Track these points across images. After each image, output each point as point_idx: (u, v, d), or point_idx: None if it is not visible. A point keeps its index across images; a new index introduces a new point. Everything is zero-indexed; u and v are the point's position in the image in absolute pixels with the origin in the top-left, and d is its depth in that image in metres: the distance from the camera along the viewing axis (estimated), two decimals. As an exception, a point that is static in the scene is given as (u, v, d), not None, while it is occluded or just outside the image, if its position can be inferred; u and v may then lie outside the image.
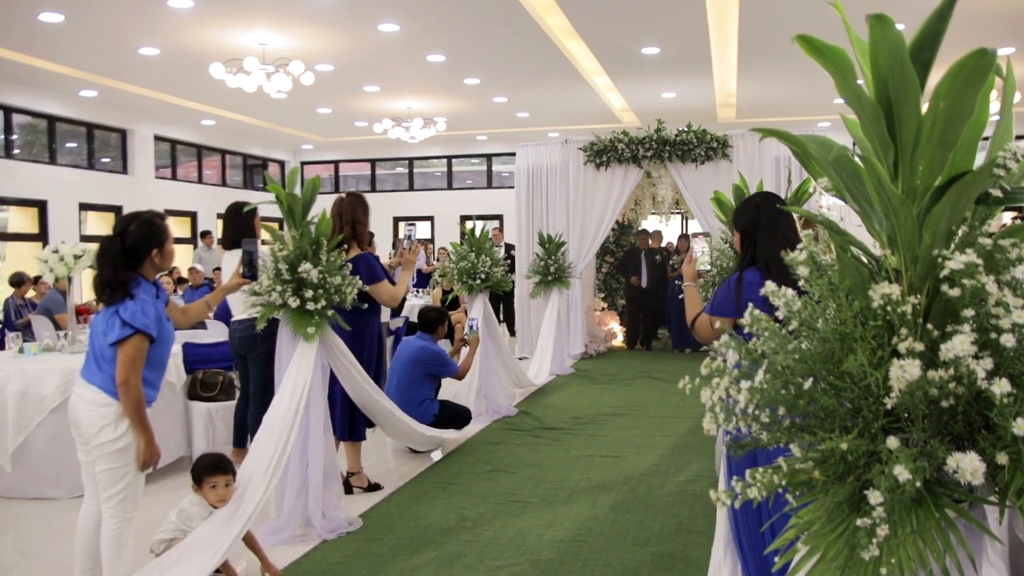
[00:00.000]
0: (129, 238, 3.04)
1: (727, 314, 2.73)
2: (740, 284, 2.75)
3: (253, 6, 8.19)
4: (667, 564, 3.63)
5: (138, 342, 2.92)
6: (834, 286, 1.38)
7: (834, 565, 1.25)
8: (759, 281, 2.68)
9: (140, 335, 2.92)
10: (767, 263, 2.76)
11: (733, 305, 2.72)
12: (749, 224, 2.85)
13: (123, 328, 2.91)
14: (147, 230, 3.06)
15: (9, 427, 4.59)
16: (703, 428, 1.41)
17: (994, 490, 1.28)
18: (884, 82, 1.31)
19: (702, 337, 2.85)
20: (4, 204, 11.91)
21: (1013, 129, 1.51)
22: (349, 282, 4.03)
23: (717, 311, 2.77)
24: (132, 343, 2.92)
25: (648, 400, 7.51)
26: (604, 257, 11.53)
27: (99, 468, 2.99)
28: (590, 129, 12.13)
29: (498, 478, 4.98)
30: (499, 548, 3.85)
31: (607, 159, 9.86)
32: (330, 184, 18.64)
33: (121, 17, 8.45)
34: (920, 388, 1.20)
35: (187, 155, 15.84)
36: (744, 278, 2.75)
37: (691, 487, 4.76)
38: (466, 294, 7.20)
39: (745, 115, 14.37)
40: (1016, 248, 1.31)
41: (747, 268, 2.80)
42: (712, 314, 2.79)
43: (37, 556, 3.88)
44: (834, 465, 1.30)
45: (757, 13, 8.42)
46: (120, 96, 12.26)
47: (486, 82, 11.84)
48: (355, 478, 4.77)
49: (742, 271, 2.80)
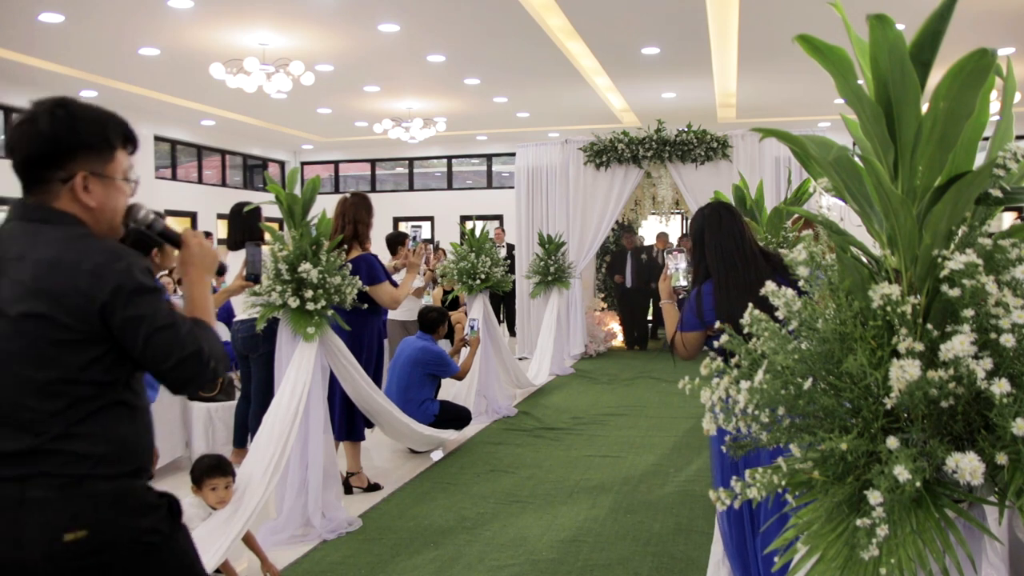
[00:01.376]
0: (129, 239, 3.03)
1: (695, 328, 2.84)
2: (700, 297, 2.84)
3: (253, 6, 8.19)
4: (667, 564, 3.63)
5: None
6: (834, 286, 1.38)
7: (834, 565, 1.26)
8: (711, 290, 2.82)
9: None
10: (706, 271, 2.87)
11: (696, 319, 2.83)
12: (697, 234, 2.94)
13: None
14: None
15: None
16: (703, 428, 1.41)
17: (994, 490, 1.28)
18: (884, 82, 1.31)
19: (681, 355, 2.91)
20: (4, 204, 11.92)
21: (1013, 129, 1.51)
22: (349, 282, 4.03)
23: (686, 327, 2.87)
24: None
25: (648, 400, 7.51)
26: (604, 257, 11.54)
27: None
28: (590, 129, 12.13)
29: (498, 478, 4.98)
30: (499, 548, 3.85)
31: (607, 159, 9.86)
32: (330, 184, 18.65)
33: (121, 17, 8.45)
34: (920, 388, 1.20)
35: (187, 155, 15.85)
36: (702, 290, 2.85)
37: (691, 487, 4.76)
38: (466, 294, 7.20)
39: (745, 115, 14.37)
40: (1016, 248, 1.32)
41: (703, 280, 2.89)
42: (683, 331, 2.88)
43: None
44: (834, 465, 1.30)
45: (757, 13, 8.42)
46: (120, 96, 12.26)
47: (486, 82, 11.84)
48: (355, 478, 4.77)
49: (700, 284, 2.89)
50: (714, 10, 8.55)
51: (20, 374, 1.52)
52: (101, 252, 1.56)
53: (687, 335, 2.86)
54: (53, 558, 1.49)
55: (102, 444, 1.55)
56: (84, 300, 1.52)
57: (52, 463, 1.51)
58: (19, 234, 1.59)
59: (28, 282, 1.52)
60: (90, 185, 1.61)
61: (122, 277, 1.55)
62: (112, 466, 1.56)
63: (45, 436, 1.51)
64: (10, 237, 1.59)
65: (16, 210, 1.62)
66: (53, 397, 1.52)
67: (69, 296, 1.52)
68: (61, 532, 1.49)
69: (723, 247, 2.84)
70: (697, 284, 2.91)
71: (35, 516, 1.49)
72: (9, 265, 1.56)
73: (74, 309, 1.52)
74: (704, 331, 2.81)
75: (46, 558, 1.48)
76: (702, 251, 2.90)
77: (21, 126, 1.58)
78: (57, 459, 1.51)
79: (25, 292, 1.52)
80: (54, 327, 1.52)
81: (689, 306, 2.86)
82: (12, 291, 1.53)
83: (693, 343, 2.87)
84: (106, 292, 1.53)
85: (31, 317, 1.51)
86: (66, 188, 1.59)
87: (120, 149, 1.69)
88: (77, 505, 1.51)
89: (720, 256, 2.83)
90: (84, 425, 1.53)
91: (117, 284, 1.54)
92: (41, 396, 1.51)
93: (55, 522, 1.49)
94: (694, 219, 3.00)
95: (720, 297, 2.77)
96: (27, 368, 1.52)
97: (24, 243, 1.57)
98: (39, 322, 1.52)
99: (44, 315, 1.51)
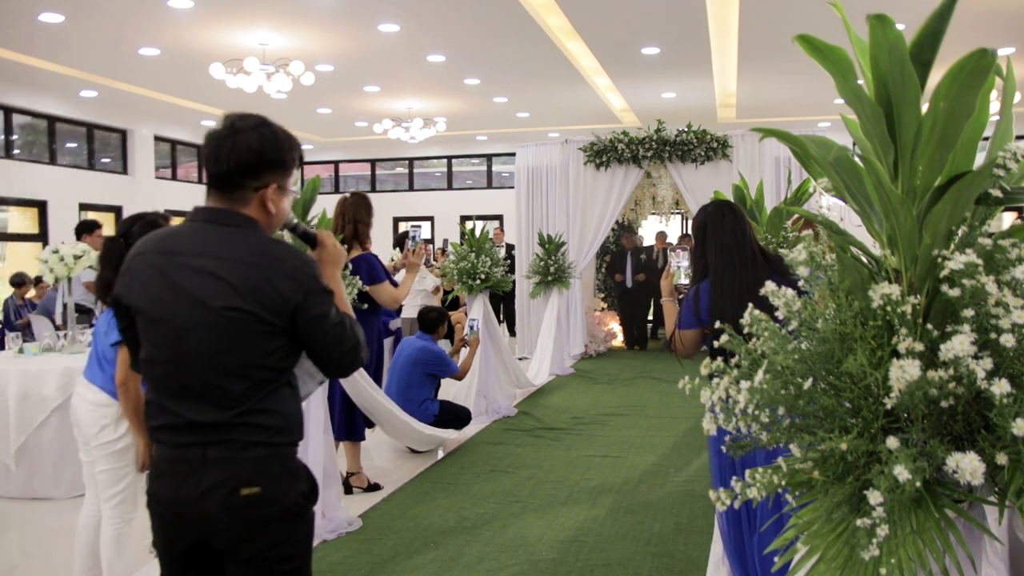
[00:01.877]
0: (133, 239, 3.05)
1: (691, 326, 2.85)
2: (697, 296, 2.84)
3: (253, 6, 8.19)
4: (667, 564, 3.63)
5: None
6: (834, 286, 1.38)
7: (834, 565, 1.26)
8: (708, 289, 2.83)
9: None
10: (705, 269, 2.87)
11: (694, 317, 2.83)
12: (699, 231, 2.94)
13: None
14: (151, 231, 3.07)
15: (11, 427, 4.60)
16: (703, 428, 1.41)
17: (994, 490, 1.28)
18: (884, 82, 1.31)
19: (680, 353, 2.91)
20: (4, 204, 11.92)
21: (1013, 129, 1.51)
22: (349, 282, 4.03)
23: (684, 325, 2.88)
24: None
25: (648, 400, 7.51)
26: (604, 257, 11.54)
27: (99, 468, 2.99)
28: (590, 129, 12.14)
29: (498, 478, 4.98)
30: (499, 548, 3.85)
31: (607, 159, 9.85)
32: (330, 184, 18.64)
33: (121, 17, 8.45)
34: (920, 388, 1.20)
35: (187, 155, 15.85)
36: (700, 289, 2.86)
37: (691, 487, 4.76)
38: (466, 294, 7.20)
39: (745, 115, 14.37)
40: (1016, 248, 1.31)
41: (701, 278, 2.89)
42: (680, 329, 2.88)
43: (38, 556, 3.88)
44: (834, 465, 1.30)
45: (757, 13, 8.42)
46: (120, 96, 12.27)
47: (486, 82, 11.84)
48: (355, 478, 4.77)
49: (699, 282, 2.89)
50: (714, 10, 8.55)
51: (215, 358, 1.78)
52: (293, 257, 1.83)
53: (684, 333, 2.87)
54: (230, 508, 1.78)
55: (278, 418, 1.83)
56: (281, 300, 1.78)
57: (238, 432, 1.79)
58: (208, 235, 1.83)
59: (232, 280, 1.77)
60: (276, 195, 1.89)
61: (311, 281, 1.82)
62: (283, 436, 1.85)
63: (234, 411, 1.78)
64: (193, 237, 1.84)
65: (201, 213, 1.87)
66: (241, 378, 1.79)
67: (267, 295, 1.77)
68: (239, 487, 1.78)
69: (723, 245, 2.84)
70: (696, 282, 2.91)
71: (217, 474, 1.78)
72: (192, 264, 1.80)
73: (271, 306, 1.78)
74: (701, 329, 2.82)
75: (224, 508, 1.78)
76: (703, 248, 2.90)
77: (227, 140, 1.82)
78: (242, 429, 1.79)
79: (229, 289, 1.77)
80: (252, 320, 1.77)
81: (687, 304, 2.87)
82: (216, 287, 1.77)
83: (691, 341, 2.88)
84: (299, 294, 1.80)
85: (233, 310, 1.77)
86: (256, 196, 1.86)
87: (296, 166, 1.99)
88: (254, 467, 1.80)
89: (719, 254, 2.83)
90: (264, 402, 1.81)
91: (308, 287, 1.81)
92: (232, 377, 1.78)
93: (234, 479, 1.78)
94: (697, 216, 3.00)
95: (715, 296, 2.78)
96: (222, 354, 1.78)
97: (215, 244, 1.81)
98: (240, 315, 1.77)
99: (244, 310, 1.77)
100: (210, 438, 1.79)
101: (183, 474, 1.80)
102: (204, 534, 1.82)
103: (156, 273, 1.83)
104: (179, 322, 1.79)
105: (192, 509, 1.80)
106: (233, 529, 1.81)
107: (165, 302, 1.81)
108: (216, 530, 1.81)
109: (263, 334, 1.79)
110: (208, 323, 1.77)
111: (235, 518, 1.80)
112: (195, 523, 1.81)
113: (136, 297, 1.85)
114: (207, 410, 1.78)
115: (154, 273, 1.83)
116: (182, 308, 1.79)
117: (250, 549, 1.83)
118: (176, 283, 1.80)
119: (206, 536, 1.83)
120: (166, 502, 1.84)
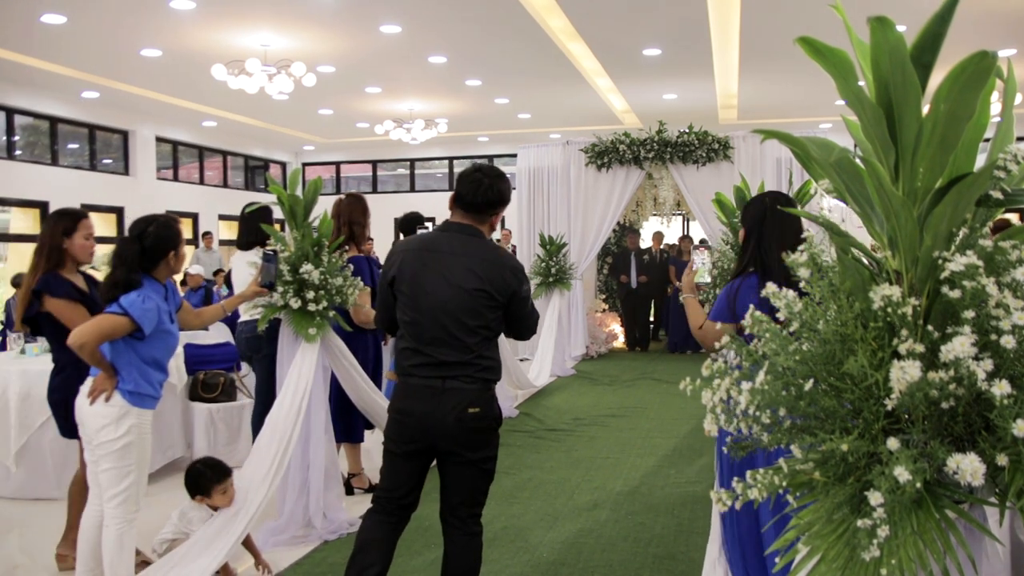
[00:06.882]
0: (148, 240, 3.06)
1: (724, 320, 2.73)
2: (737, 292, 2.72)
3: (255, 7, 8.20)
4: (668, 565, 3.63)
5: (120, 322, 2.92)
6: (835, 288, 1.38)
7: (834, 566, 1.26)
8: (756, 284, 2.67)
9: (127, 319, 2.92)
10: (764, 265, 2.72)
11: (728, 311, 2.72)
12: (755, 223, 2.79)
13: (115, 306, 2.94)
14: (166, 233, 3.10)
15: (12, 427, 4.60)
16: (704, 429, 1.42)
17: (994, 491, 1.28)
18: (885, 84, 1.31)
19: (706, 344, 2.84)
20: (6, 205, 11.93)
21: (1014, 131, 1.51)
22: (350, 283, 4.03)
23: (715, 316, 2.78)
24: (113, 319, 2.93)
25: (649, 401, 7.51)
26: (605, 259, 11.54)
27: (101, 468, 3.00)
28: (591, 130, 12.13)
29: (498, 479, 4.95)
30: (499, 549, 3.85)
31: (608, 160, 9.86)
32: (332, 185, 18.64)
33: (123, 18, 8.46)
34: (920, 389, 1.20)
35: (189, 156, 15.85)
36: (743, 285, 2.73)
37: (692, 488, 4.76)
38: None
39: (746, 117, 14.37)
40: (1016, 250, 1.32)
41: (746, 273, 2.77)
42: (712, 319, 2.79)
43: (40, 556, 3.88)
44: (835, 466, 1.30)
45: (758, 15, 8.42)
46: (122, 97, 12.28)
47: (487, 83, 11.84)
48: (356, 479, 4.77)
49: (743, 277, 2.77)
50: (715, 12, 8.55)
51: (460, 320, 2.66)
52: (511, 258, 2.78)
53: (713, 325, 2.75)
54: (461, 421, 2.66)
55: (491, 362, 2.75)
56: (506, 286, 2.71)
57: (470, 369, 2.68)
58: (460, 240, 2.73)
59: (478, 271, 2.67)
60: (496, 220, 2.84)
61: (522, 275, 2.78)
62: (494, 373, 2.76)
63: (470, 355, 2.68)
64: (448, 240, 2.74)
65: (453, 226, 2.77)
66: (473, 334, 2.69)
67: (498, 282, 2.69)
68: (467, 407, 2.66)
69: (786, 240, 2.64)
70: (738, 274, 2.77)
71: (452, 398, 2.66)
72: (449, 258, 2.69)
73: (501, 290, 2.70)
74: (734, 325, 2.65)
75: (456, 421, 2.66)
76: (757, 241, 2.75)
77: (483, 181, 2.73)
78: (472, 368, 2.69)
79: (476, 276, 2.67)
80: (488, 298, 2.68)
81: (724, 297, 2.75)
82: (467, 276, 2.67)
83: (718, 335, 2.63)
84: (517, 283, 2.74)
85: (478, 291, 2.67)
86: (489, 220, 2.80)
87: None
88: (478, 394, 2.70)
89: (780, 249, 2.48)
90: (487, 350, 2.73)
91: (521, 280, 2.76)
92: (468, 333, 2.68)
93: (464, 401, 2.66)
94: (752, 206, 2.83)
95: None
96: (465, 317, 2.67)
97: (465, 246, 2.71)
98: (481, 294, 2.67)
99: (485, 291, 2.67)
100: (449, 373, 2.66)
101: (428, 397, 2.66)
102: (436, 438, 2.68)
103: (422, 263, 2.70)
104: (440, 296, 2.66)
105: (434, 421, 2.65)
106: (460, 435, 2.66)
107: (432, 283, 2.68)
108: (447, 436, 2.66)
109: (492, 307, 2.69)
110: (460, 298, 2.65)
111: (462, 428, 2.66)
112: (432, 430, 2.67)
113: (407, 279, 2.71)
114: (451, 353, 2.66)
115: (421, 263, 2.71)
116: (444, 287, 2.66)
117: (466, 451, 2.69)
118: (440, 270, 2.68)
119: (436, 440, 2.69)
120: (414, 414, 2.69)
